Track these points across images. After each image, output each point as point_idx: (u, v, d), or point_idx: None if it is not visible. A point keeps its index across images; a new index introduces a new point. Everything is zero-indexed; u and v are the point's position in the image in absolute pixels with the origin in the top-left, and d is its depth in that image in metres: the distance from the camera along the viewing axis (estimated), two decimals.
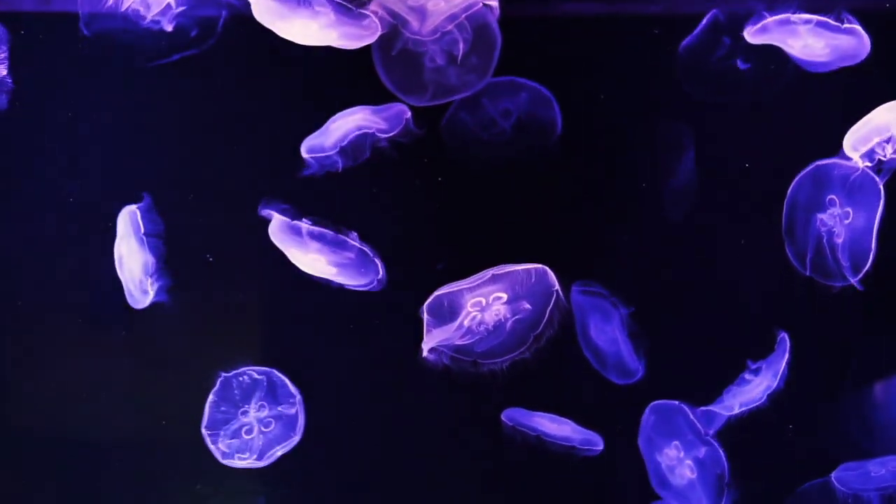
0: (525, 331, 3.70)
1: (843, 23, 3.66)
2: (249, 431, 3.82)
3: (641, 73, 3.93)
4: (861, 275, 3.69)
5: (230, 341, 4.00)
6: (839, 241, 3.72)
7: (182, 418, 3.90)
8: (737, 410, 3.74)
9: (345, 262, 3.69)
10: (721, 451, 3.74)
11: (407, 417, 4.02)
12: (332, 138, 3.72)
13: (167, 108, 3.92)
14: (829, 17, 3.66)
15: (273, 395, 3.84)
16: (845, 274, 3.70)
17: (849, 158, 3.69)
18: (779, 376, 3.71)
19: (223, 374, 3.82)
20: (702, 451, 3.74)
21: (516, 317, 3.66)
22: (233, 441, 3.80)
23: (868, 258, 3.68)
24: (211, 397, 3.81)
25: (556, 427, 3.86)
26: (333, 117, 3.74)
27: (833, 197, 3.73)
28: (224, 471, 3.83)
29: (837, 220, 3.71)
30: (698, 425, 3.75)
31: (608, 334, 3.86)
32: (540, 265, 3.62)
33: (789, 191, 3.78)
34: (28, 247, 3.96)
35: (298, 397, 3.84)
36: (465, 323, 3.64)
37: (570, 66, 3.92)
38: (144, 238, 3.79)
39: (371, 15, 3.57)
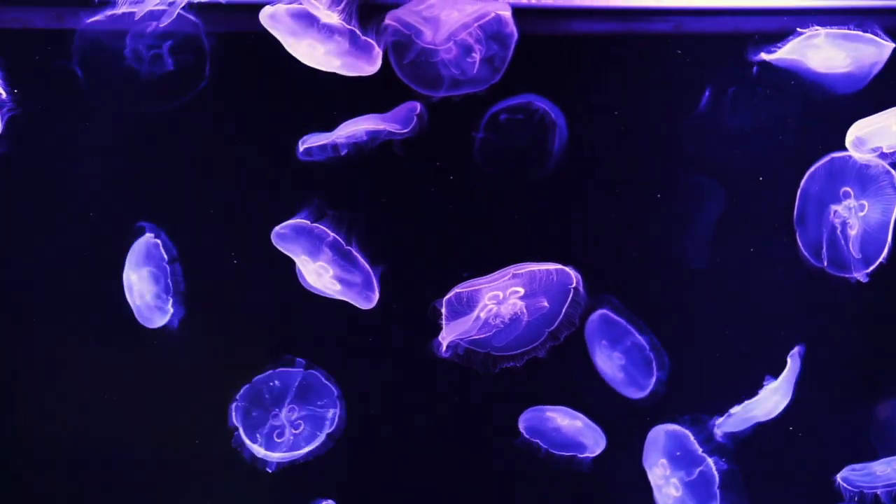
0: (540, 326, 3.71)
1: (865, 31, 3.64)
2: (281, 434, 3.82)
3: (652, 89, 3.91)
4: (871, 268, 3.70)
5: (250, 352, 3.98)
6: (852, 233, 3.72)
7: (209, 432, 3.91)
8: (748, 425, 3.78)
9: (349, 281, 3.68)
10: (713, 468, 3.77)
11: (423, 417, 4.03)
12: (337, 136, 3.71)
13: (177, 119, 3.86)
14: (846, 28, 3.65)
15: (304, 396, 3.84)
16: (855, 266, 3.70)
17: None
18: (791, 389, 3.75)
19: (253, 379, 3.83)
20: (693, 471, 3.77)
21: (533, 312, 3.66)
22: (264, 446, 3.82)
23: (881, 252, 3.69)
24: (238, 402, 3.82)
25: (568, 422, 3.88)
26: (343, 124, 3.71)
27: (847, 189, 3.72)
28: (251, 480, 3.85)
29: (852, 213, 3.71)
30: (690, 444, 3.78)
31: (615, 361, 3.87)
32: (560, 265, 3.62)
33: (803, 181, 3.77)
34: (42, 265, 3.92)
35: (336, 393, 3.85)
36: (482, 315, 3.64)
37: (581, 83, 3.91)
38: (155, 261, 3.77)
39: (377, 48, 3.57)
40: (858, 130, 3.64)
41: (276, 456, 3.81)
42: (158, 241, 3.78)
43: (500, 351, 3.72)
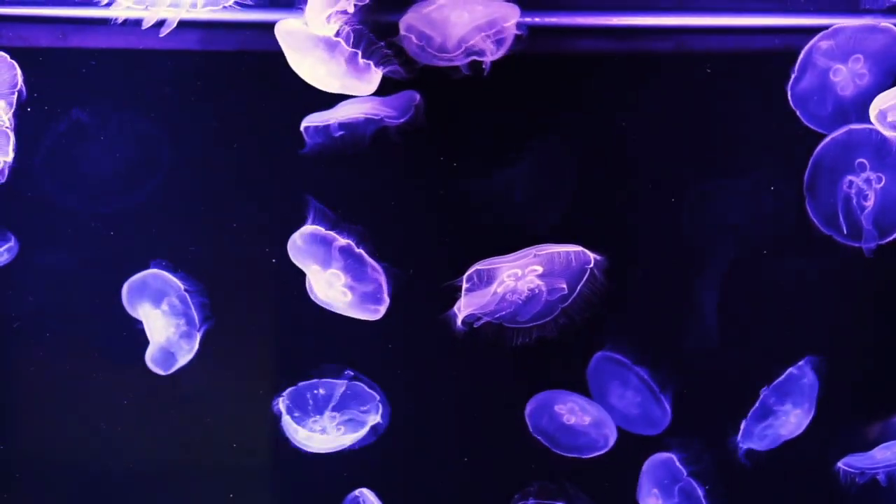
0: (555, 303, 3.73)
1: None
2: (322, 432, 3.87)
3: (654, 107, 3.87)
4: (885, 241, 3.72)
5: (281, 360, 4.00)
6: (868, 203, 3.71)
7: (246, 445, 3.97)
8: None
9: (361, 289, 3.67)
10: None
11: (444, 409, 4.06)
12: (335, 116, 3.67)
13: (184, 134, 3.85)
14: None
15: (345, 403, 3.86)
16: (867, 238, 3.71)
17: None
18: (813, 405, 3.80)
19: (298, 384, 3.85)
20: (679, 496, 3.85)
21: (550, 290, 3.68)
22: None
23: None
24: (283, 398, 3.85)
25: (579, 413, 3.93)
26: (342, 103, 3.67)
27: (863, 161, 3.71)
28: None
29: (869, 184, 3.70)
30: (677, 470, 3.84)
31: (629, 398, 3.88)
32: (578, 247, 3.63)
33: (817, 150, 3.74)
34: (46, 286, 3.89)
35: (378, 399, 3.88)
36: (499, 291, 3.64)
37: (582, 101, 3.87)
38: (175, 292, 3.75)
39: (377, 72, 3.53)
40: (882, 103, 3.60)
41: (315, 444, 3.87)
42: (172, 276, 3.76)
43: (515, 324, 3.74)
